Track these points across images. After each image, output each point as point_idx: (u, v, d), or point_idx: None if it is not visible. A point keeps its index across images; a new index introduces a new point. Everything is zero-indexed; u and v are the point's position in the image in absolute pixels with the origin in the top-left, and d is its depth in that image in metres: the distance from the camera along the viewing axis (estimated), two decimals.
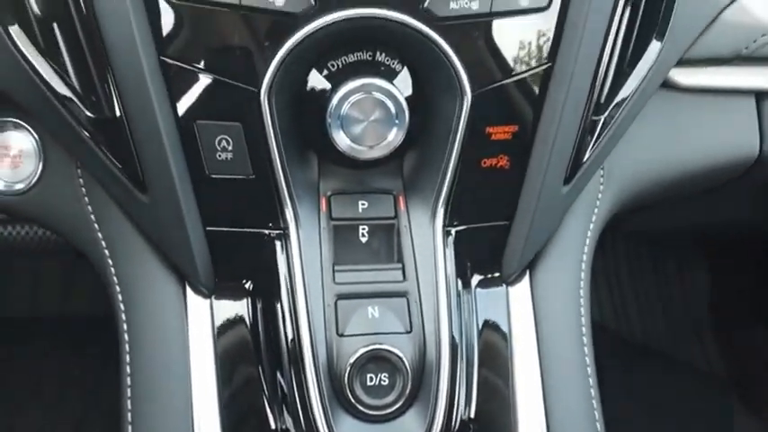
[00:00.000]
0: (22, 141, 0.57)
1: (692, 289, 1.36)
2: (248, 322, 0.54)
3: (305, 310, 0.50)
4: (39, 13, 0.47)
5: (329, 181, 0.54)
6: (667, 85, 0.63)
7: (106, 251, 0.54)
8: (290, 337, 0.52)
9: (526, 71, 0.51)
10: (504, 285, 0.58)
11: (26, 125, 0.56)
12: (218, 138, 0.49)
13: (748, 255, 1.28)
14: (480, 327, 0.57)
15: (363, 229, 0.54)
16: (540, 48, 0.51)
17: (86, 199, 0.55)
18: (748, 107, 0.68)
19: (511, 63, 0.50)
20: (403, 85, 0.51)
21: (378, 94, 0.49)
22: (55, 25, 0.48)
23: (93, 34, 0.46)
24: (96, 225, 0.55)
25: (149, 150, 0.48)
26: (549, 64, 0.51)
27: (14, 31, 0.48)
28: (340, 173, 0.54)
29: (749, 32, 0.62)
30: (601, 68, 0.53)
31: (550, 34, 0.50)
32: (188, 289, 0.53)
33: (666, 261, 1.38)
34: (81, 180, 0.55)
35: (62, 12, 0.47)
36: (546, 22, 0.50)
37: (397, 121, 0.50)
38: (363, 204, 0.54)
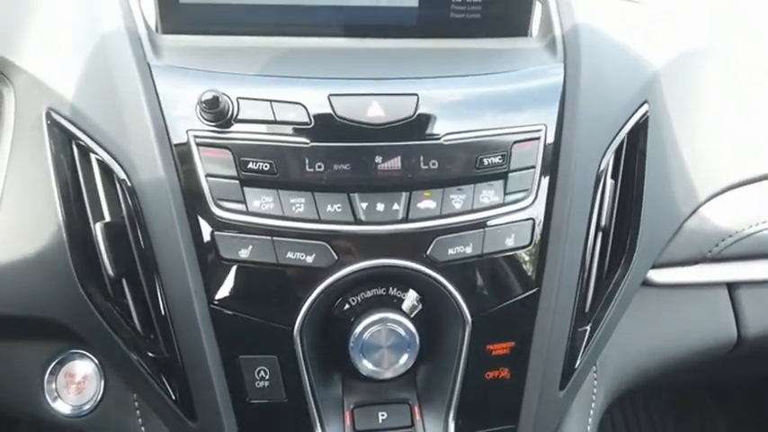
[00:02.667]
0: (86, 367, 0.66)
1: None
2: None
3: None
4: (112, 275, 0.58)
5: (352, 395, 0.62)
6: (644, 283, 0.72)
7: None
8: None
9: (517, 296, 0.60)
10: None
11: (89, 354, 0.65)
12: (258, 369, 0.58)
13: None
14: None
15: None
16: (527, 276, 0.60)
17: (140, 420, 0.63)
18: (722, 297, 0.76)
19: (504, 292, 0.60)
20: (413, 314, 0.60)
21: (392, 325, 0.58)
22: (124, 281, 0.58)
23: (156, 289, 0.57)
24: None
25: (199, 384, 0.56)
26: (537, 288, 0.60)
27: (91, 289, 0.58)
28: (360, 387, 0.62)
29: (711, 238, 0.71)
30: (581, 285, 0.63)
31: (535, 265, 0.60)
32: None
33: (690, 416, 1.39)
34: (136, 404, 0.63)
35: (132, 273, 0.57)
36: (530, 256, 0.60)
37: (408, 348, 0.58)
38: (383, 415, 0.61)
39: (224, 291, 0.57)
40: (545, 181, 0.60)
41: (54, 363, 0.65)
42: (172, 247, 0.55)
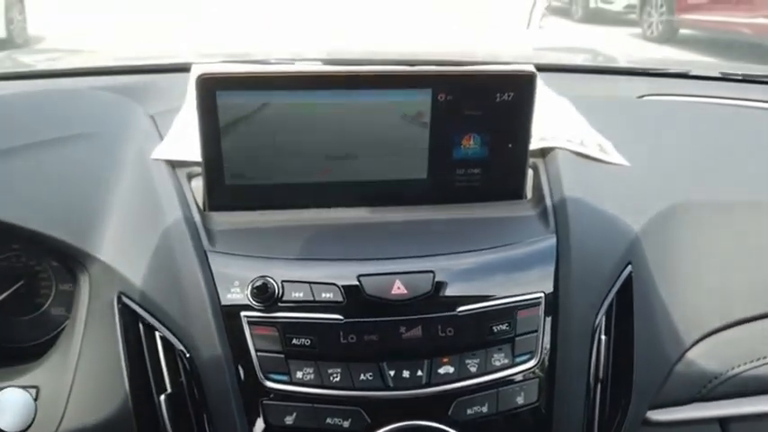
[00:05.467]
0: None
1: None
2: None
3: None
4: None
5: None
6: (644, 422, 0.79)
7: None
8: None
9: None
10: None
11: None
12: None
13: None
14: None
15: None
16: (538, 429, 0.68)
17: None
18: None
19: None
20: None
21: None
22: None
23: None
24: None
25: None
26: None
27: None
28: None
29: (699, 380, 0.79)
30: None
31: (543, 418, 0.68)
32: None
33: None
34: None
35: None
36: (538, 411, 0.68)
37: None
38: None
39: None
40: (547, 342, 0.69)
41: None
42: (227, 414, 0.64)
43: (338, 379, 0.65)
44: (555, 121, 0.91)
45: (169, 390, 0.67)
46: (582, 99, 1.01)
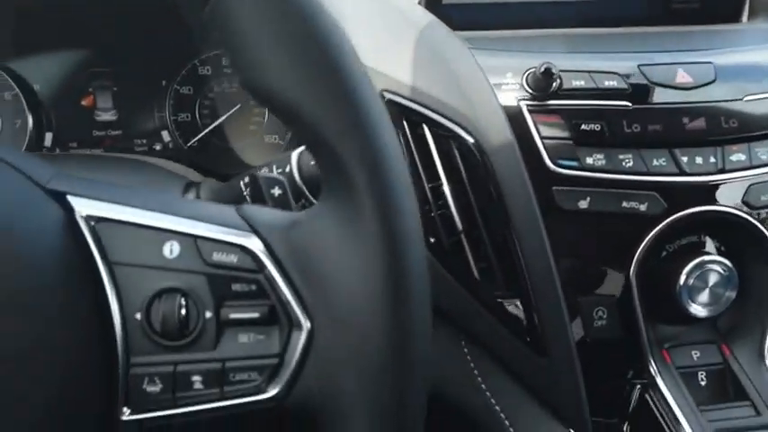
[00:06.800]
0: None
1: None
2: None
3: None
4: (460, 228, 0.64)
5: (666, 336, 0.67)
6: None
7: (501, 414, 0.66)
8: None
9: None
10: None
11: None
12: (596, 309, 0.64)
13: None
14: None
15: (702, 374, 0.66)
16: None
17: (472, 365, 0.68)
18: None
19: None
20: (730, 256, 0.66)
21: (714, 266, 0.64)
22: (462, 237, 0.65)
23: (508, 240, 0.63)
24: (486, 390, 0.67)
25: (553, 323, 0.62)
26: None
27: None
28: (670, 329, 0.68)
29: None
30: None
31: None
32: None
33: None
34: (465, 350, 0.69)
35: (474, 228, 0.64)
36: None
37: (730, 286, 0.64)
38: (696, 354, 0.67)
39: (565, 238, 0.63)
40: None
41: None
42: (525, 201, 0.62)
43: (630, 164, 0.63)
44: None
45: (444, 182, 0.65)
46: None
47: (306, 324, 0.35)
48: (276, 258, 0.35)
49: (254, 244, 0.36)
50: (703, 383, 0.66)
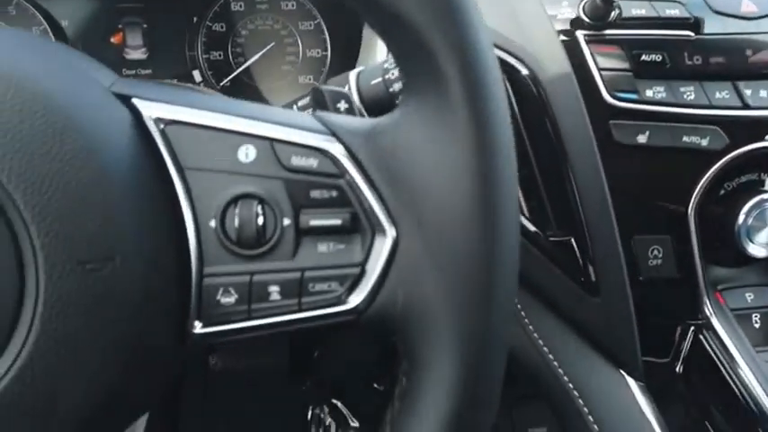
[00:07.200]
0: None
1: None
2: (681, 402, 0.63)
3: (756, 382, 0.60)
4: None
5: (719, 278, 0.66)
6: None
7: (550, 356, 0.65)
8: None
9: None
10: None
11: None
12: (651, 248, 0.62)
13: None
14: None
15: (756, 316, 0.64)
16: None
17: (522, 313, 0.67)
18: None
19: None
20: None
21: None
22: None
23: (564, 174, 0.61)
24: (534, 331, 0.66)
25: (606, 262, 0.60)
26: None
27: None
28: (724, 271, 0.66)
29: None
30: None
31: None
32: (628, 378, 0.63)
33: None
34: None
35: None
36: None
37: None
38: (750, 296, 0.65)
39: (621, 175, 0.61)
40: None
41: None
42: (582, 135, 0.60)
43: (692, 97, 0.61)
44: None
45: None
46: None
47: (390, 231, 0.33)
48: (358, 162, 0.33)
49: (335, 148, 0.34)
50: (757, 326, 0.64)
